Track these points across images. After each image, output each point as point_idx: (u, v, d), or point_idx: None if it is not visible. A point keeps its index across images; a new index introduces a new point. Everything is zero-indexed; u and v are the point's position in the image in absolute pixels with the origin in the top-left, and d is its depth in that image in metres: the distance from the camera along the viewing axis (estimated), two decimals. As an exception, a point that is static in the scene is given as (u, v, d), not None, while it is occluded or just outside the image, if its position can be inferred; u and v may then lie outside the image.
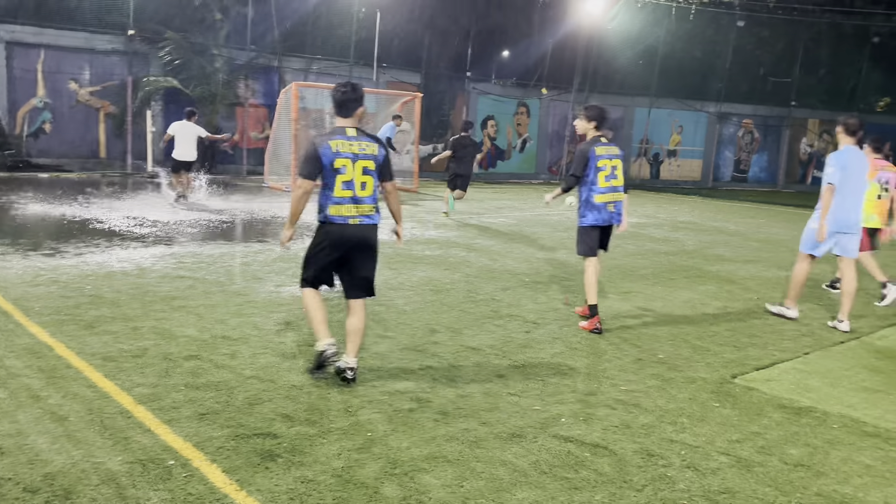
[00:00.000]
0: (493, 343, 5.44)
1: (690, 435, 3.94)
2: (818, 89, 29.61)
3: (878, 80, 30.17)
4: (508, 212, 14.59)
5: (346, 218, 4.31)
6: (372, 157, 4.34)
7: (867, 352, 5.80)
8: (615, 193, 5.99)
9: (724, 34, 26.52)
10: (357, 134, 4.34)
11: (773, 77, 28.35)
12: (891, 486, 3.47)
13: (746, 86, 28.20)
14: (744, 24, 25.93)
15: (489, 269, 8.32)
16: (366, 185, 4.33)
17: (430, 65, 23.01)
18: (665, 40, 25.71)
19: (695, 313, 6.77)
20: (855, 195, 6.41)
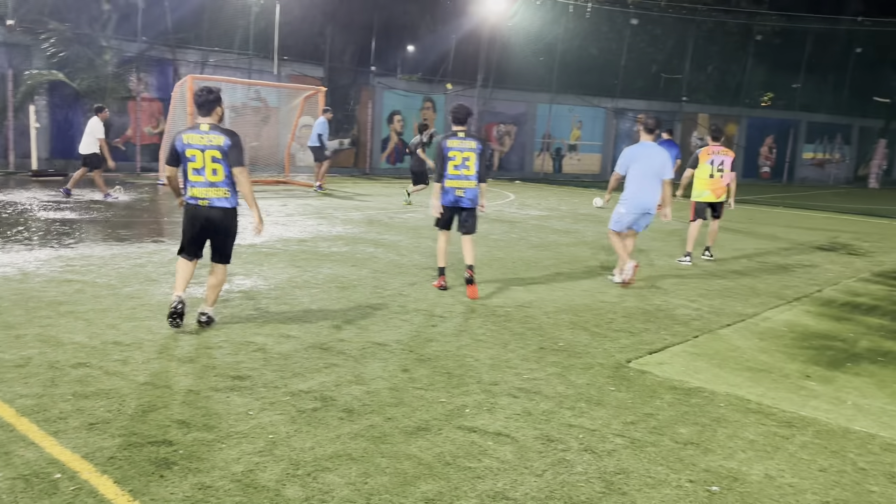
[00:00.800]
0: (400, 338, 5.44)
1: (588, 419, 4.08)
2: (707, 85, 31.25)
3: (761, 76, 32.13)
4: (416, 207, 14.62)
5: (197, 199, 5.18)
6: (217, 147, 5.11)
7: (751, 333, 6.17)
8: (462, 181, 6.89)
9: (619, 32, 27.53)
10: (209, 129, 5.16)
11: (665, 74, 29.67)
12: (771, 459, 3.71)
13: (641, 82, 29.39)
14: (637, 23, 26.99)
15: (397, 265, 8.32)
16: (216, 171, 5.14)
17: (333, 58, 22.72)
18: (563, 38, 26.43)
19: (593, 301, 7.00)
20: (650, 182, 7.66)
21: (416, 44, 26.06)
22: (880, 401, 4.65)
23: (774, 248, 11.33)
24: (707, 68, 30.72)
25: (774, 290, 8.03)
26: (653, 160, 7.69)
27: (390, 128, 24.25)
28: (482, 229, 11.58)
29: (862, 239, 13.16)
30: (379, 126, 23.97)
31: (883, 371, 5.30)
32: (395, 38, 24.45)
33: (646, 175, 7.65)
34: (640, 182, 7.66)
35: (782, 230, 13.90)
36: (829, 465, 3.67)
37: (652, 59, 29.41)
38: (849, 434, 4.08)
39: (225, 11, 20.91)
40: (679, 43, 29.07)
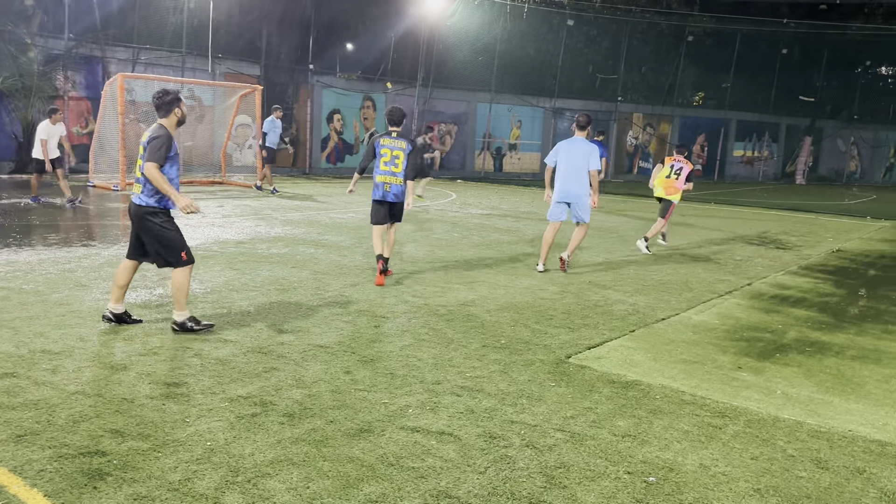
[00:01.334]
0: (342, 340, 5.40)
1: (529, 415, 4.13)
2: (641, 85, 32.03)
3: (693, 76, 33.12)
4: (358, 206, 14.53)
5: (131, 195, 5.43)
6: (142, 144, 5.26)
7: (685, 327, 6.36)
8: (389, 176, 7.49)
9: (556, 33, 27.95)
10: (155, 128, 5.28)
11: (601, 74, 30.27)
12: (705, 449, 3.83)
13: (578, 82, 29.91)
14: (573, 24, 27.45)
15: (338, 265, 8.25)
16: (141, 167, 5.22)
17: (270, 56, 22.36)
18: (502, 38, 26.67)
19: (534, 299, 7.10)
20: (575, 173, 8.36)
21: (354, 42, 25.87)
22: (807, 390, 4.86)
23: (707, 244, 11.69)
24: (641, 69, 31.48)
25: (707, 284, 8.29)
26: (577, 154, 8.36)
27: (330, 127, 24.02)
28: (424, 229, 11.59)
29: (789, 233, 13.71)
30: (318, 125, 23.72)
31: (810, 361, 5.53)
32: (334, 37, 24.22)
33: (570, 167, 8.37)
34: (565, 173, 8.43)
35: (714, 226, 14.37)
36: (759, 453, 3.81)
37: (588, 59, 29.96)
38: (778, 422, 4.24)
39: (156, 7, 20.33)
40: (614, 44, 29.71)
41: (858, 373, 5.27)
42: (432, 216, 13.54)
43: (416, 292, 7.09)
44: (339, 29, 24.23)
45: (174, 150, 5.27)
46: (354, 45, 25.84)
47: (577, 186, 8.40)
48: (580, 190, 8.42)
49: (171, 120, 5.33)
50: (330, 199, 15.77)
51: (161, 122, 5.31)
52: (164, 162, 5.16)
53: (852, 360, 5.60)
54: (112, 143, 15.95)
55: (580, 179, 8.38)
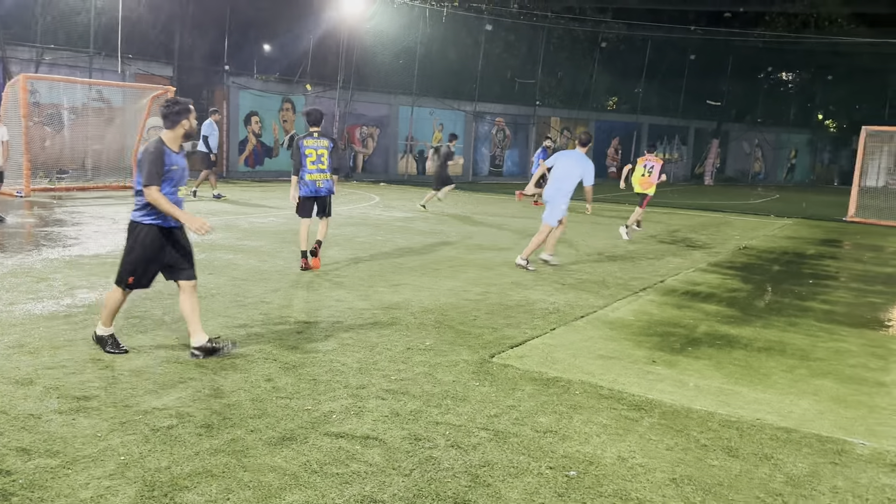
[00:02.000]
0: (263, 347, 5.29)
1: (454, 415, 4.16)
2: (558, 90, 32.79)
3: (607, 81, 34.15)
4: (278, 211, 14.26)
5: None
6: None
7: (602, 324, 6.54)
8: (319, 174, 8.17)
9: (475, 38, 28.26)
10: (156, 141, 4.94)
11: (519, 79, 30.81)
12: (623, 442, 3.95)
13: (497, 86, 30.34)
14: (491, 29, 27.82)
15: (258, 271, 8.07)
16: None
17: (183, 57, 21.68)
18: (422, 41, 26.75)
19: (458, 300, 7.15)
20: (565, 182, 9.15)
21: (272, 43, 25.39)
22: (718, 381, 5.08)
23: (623, 243, 12.07)
24: (557, 74, 32.22)
25: (623, 282, 8.56)
26: (575, 166, 9.18)
27: (248, 129, 23.47)
28: (347, 232, 11.49)
29: (699, 232, 14.32)
30: (235, 127, 23.14)
31: (719, 353, 5.79)
32: (251, 37, 23.70)
33: (564, 175, 9.16)
34: (559, 180, 9.19)
35: (630, 226, 14.82)
36: (674, 443, 3.97)
37: (507, 64, 30.43)
38: (691, 413, 4.42)
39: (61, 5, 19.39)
40: (531, 49, 30.29)
41: (765, 364, 5.55)
42: (356, 220, 13.44)
43: (340, 296, 7.02)
44: (256, 29, 23.74)
45: (168, 164, 4.81)
46: (272, 46, 25.36)
47: (562, 194, 9.19)
48: (562, 196, 9.20)
49: (177, 132, 4.91)
50: (248, 203, 15.42)
51: (162, 135, 4.89)
52: (160, 181, 4.76)
53: (759, 351, 5.89)
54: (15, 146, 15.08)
55: (567, 187, 9.17)
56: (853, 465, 3.79)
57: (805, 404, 4.68)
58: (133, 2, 20.00)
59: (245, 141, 23.52)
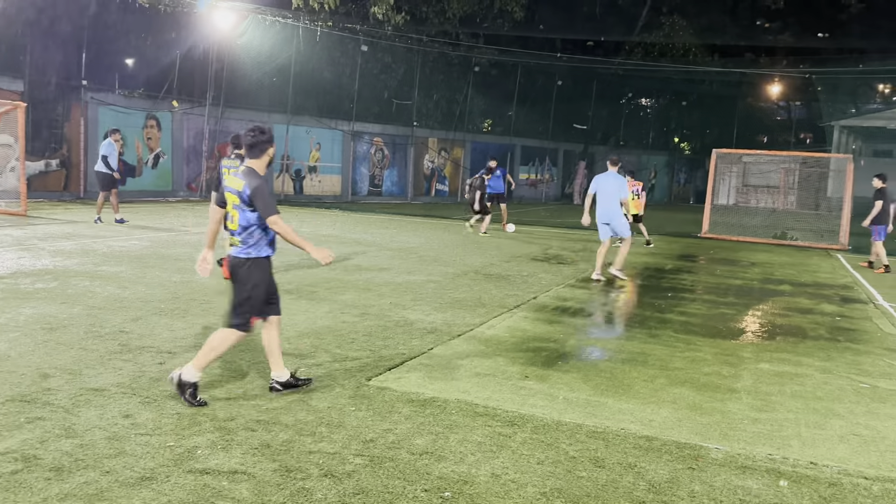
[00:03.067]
0: (121, 381, 4.96)
1: (328, 443, 4.06)
2: (435, 112, 33.33)
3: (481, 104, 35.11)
4: (141, 233, 13.50)
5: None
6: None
7: (478, 341, 6.64)
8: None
9: (352, 57, 28.23)
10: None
11: (396, 100, 31.04)
12: (497, 458, 4.01)
13: (375, 106, 30.43)
14: (367, 50, 27.90)
15: (117, 299, 7.58)
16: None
17: (35, 71, 20.19)
18: (297, 59, 26.39)
19: (335, 323, 7.03)
20: (608, 200, 10.57)
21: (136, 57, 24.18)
22: (586, 393, 5.28)
23: (498, 262, 12.36)
24: (434, 96, 32.75)
25: (498, 299, 8.75)
26: (610, 184, 10.63)
27: (110, 148, 22.13)
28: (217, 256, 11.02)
29: (569, 249, 14.92)
30: (94, 145, 21.72)
31: (587, 366, 6.02)
32: (111, 51, 22.45)
33: (605, 195, 10.59)
34: (601, 200, 10.63)
35: (504, 245, 15.23)
36: (545, 457, 4.07)
37: (385, 85, 30.60)
38: (561, 426, 4.56)
39: None
40: (408, 71, 30.63)
41: (628, 374, 5.83)
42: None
43: (208, 323, 6.72)
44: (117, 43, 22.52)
45: None
46: (136, 60, 24.16)
47: (612, 210, 10.56)
48: (614, 212, 10.56)
49: (263, 161, 4.83)
50: (108, 226, 14.50)
51: (250, 164, 4.76)
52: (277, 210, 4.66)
53: (623, 363, 6.19)
54: None
55: (613, 204, 10.54)
56: (709, 469, 4.03)
57: (665, 412, 4.95)
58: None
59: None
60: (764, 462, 4.16)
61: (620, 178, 10.86)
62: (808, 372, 6.21)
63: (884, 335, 7.92)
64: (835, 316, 8.93)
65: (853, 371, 6.30)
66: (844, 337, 7.71)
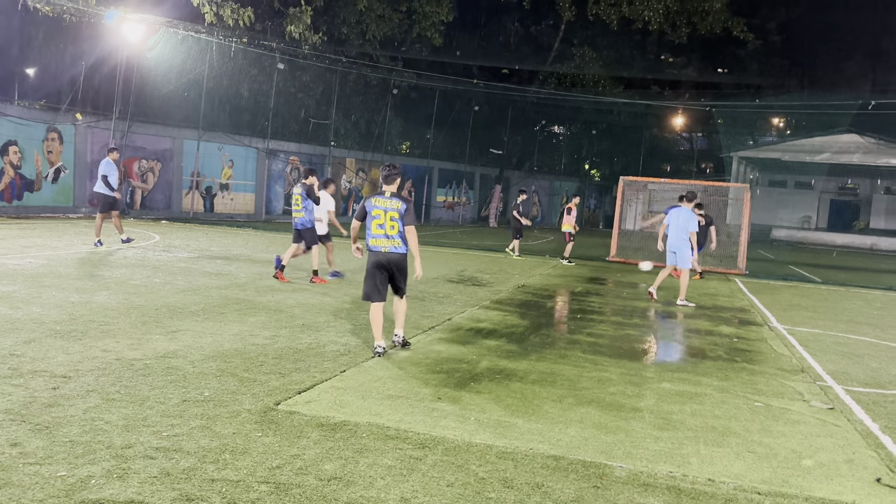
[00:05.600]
0: (10, 407, 4.65)
1: (232, 470, 3.94)
2: (353, 132, 33.26)
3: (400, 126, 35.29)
4: (38, 250, 12.78)
5: (379, 248, 6.89)
6: (395, 210, 6.78)
7: (392, 363, 6.61)
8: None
9: (268, 75, 27.85)
10: (390, 196, 6.84)
11: (314, 119, 30.79)
12: (407, 482, 3.98)
13: (292, 125, 30.07)
14: (284, 67, 27.60)
15: (9, 320, 7.13)
16: (393, 227, 6.81)
17: (-78, 76, 18.93)
18: (210, 75, 25.79)
19: (244, 345, 6.85)
20: (677, 232, 11.94)
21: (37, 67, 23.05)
22: (497, 414, 5.33)
23: (414, 283, 12.34)
24: (352, 116, 32.69)
25: (413, 320, 8.74)
26: (681, 219, 11.96)
27: (4, 160, 20.92)
28: (119, 275, 10.57)
29: (484, 271, 15.11)
30: (-11, 158, 20.53)
31: (498, 387, 6.09)
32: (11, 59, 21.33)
33: (675, 227, 11.99)
34: (672, 232, 12.05)
35: (420, 266, 15.25)
36: (455, 479, 4.07)
37: (302, 103, 30.31)
38: (471, 448, 4.58)
39: None
40: (326, 91, 30.48)
41: (538, 395, 5.93)
42: (131, 260, 12.42)
43: (107, 346, 6.41)
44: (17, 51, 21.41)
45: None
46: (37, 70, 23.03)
47: (679, 242, 11.92)
48: (681, 244, 11.91)
49: (392, 186, 6.89)
50: (2, 243, 13.66)
51: (390, 189, 6.86)
52: None
53: (533, 383, 6.29)
54: None
55: (682, 236, 11.87)
56: (612, 488, 4.14)
57: (572, 432, 5.06)
58: None
59: (1, 172, 20.94)
60: (665, 479, 4.31)
61: (690, 213, 12.03)
62: (707, 391, 6.49)
63: (777, 356, 8.38)
64: (732, 337, 9.40)
65: (749, 390, 6.63)
66: (741, 357, 8.12)
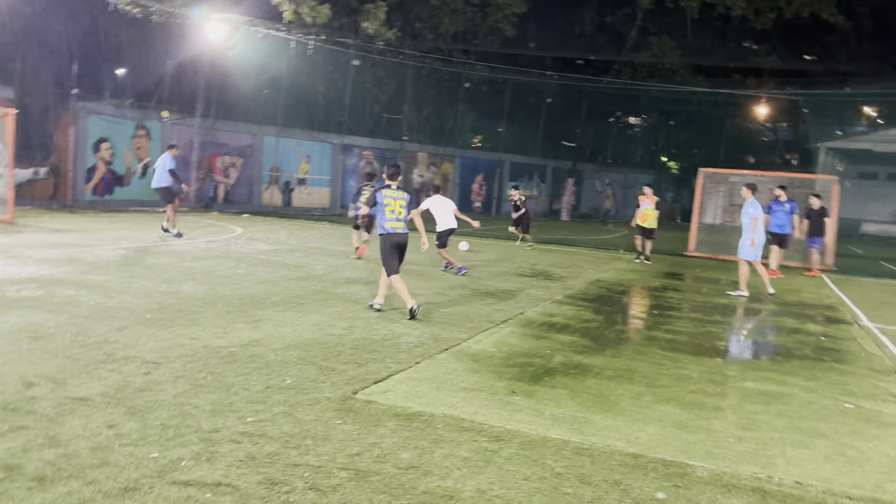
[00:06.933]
0: (106, 390, 4.91)
1: (314, 456, 4.05)
2: (425, 126, 33.47)
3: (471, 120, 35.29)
4: (128, 242, 13.44)
5: (395, 230, 8.19)
6: (403, 199, 8.32)
7: (465, 356, 6.65)
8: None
9: (344, 71, 28.34)
10: (396, 188, 8.35)
11: (387, 114, 31.15)
12: (483, 474, 4.00)
13: (366, 120, 30.52)
14: (360, 64, 28.01)
15: (103, 308, 7.53)
16: (402, 213, 8.26)
17: (26, 78, 20.13)
18: (288, 73, 26.45)
19: (322, 335, 7.02)
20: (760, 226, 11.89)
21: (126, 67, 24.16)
22: (572, 409, 5.29)
23: (486, 277, 12.38)
24: (424, 111, 32.90)
25: (485, 314, 8.76)
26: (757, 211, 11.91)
27: (97, 156, 22.07)
28: (205, 266, 10.99)
29: (556, 265, 14.97)
30: (83, 154, 21.70)
31: (574, 382, 6.03)
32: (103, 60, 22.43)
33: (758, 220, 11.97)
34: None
35: (492, 260, 15.27)
36: (531, 473, 4.07)
37: (376, 99, 30.72)
38: (547, 442, 4.56)
39: None
40: (399, 86, 30.78)
41: (615, 391, 5.85)
42: (215, 252, 12.91)
43: (194, 334, 6.68)
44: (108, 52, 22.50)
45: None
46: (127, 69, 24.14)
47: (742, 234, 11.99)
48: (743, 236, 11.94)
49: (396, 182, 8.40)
50: (95, 235, 14.42)
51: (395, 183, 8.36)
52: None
53: (609, 379, 6.20)
54: None
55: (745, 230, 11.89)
56: (694, 488, 4.04)
57: (651, 429, 4.96)
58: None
59: (93, 168, 22.09)
60: (749, 481, 4.18)
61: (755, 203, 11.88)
62: (793, 391, 6.25)
63: (868, 356, 7.99)
64: (819, 336, 9.01)
65: (838, 391, 6.35)
66: (829, 357, 7.78)
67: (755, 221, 11.72)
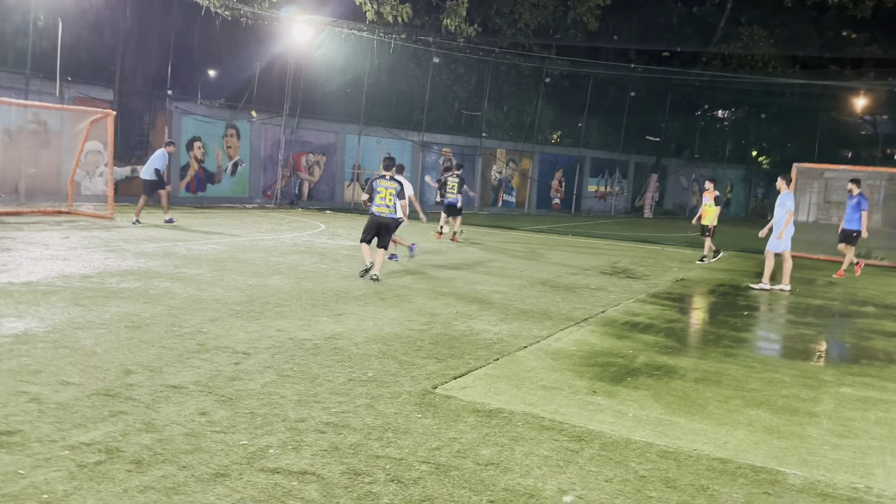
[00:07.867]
0: (198, 379, 5.14)
1: (395, 448, 4.10)
2: (504, 123, 33.33)
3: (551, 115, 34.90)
4: (219, 237, 13.99)
5: (379, 213, 9.98)
6: (393, 188, 10.00)
7: (545, 354, 6.59)
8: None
9: (424, 69, 28.56)
10: (389, 178, 10.05)
11: (466, 111, 31.21)
12: (563, 473, 3.96)
13: (445, 117, 30.67)
14: (440, 61, 28.18)
15: (196, 300, 7.87)
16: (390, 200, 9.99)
17: (124, 80, 21.24)
18: (370, 72, 26.88)
19: (402, 330, 7.10)
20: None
21: (217, 68, 25.12)
22: (656, 411, 5.16)
23: (565, 274, 12.23)
24: (503, 107, 32.77)
25: (565, 312, 8.65)
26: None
27: (190, 155, 23.07)
28: (291, 260, 11.33)
29: (638, 263, 14.63)
30: (177, 152, 22.70)
31: (658, 384, 5.88)
32: (195, 62, 23.41)
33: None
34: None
35: (571, 257, 15.08)
36: (614, 474, 3.99)
37: (455, 96, 30.82)
38: (630, 444, 4.47)
39: (-3, 25, 18.80)
40: (479, 82, 30.77)
41: (702, 394, 5.67)
42: (300, 247, 13.28)
43: (281, 326, 6.90)
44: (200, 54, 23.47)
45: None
46: (217, 71, 25.10)
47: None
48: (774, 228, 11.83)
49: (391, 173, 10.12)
50: (189, 230, 15.08)
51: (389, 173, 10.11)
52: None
53: (696, 382, 6.02)
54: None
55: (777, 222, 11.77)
56: (786, 496, 3.87)
57: (740, 434, 4.78)
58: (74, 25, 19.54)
59: (187, 166, 23.10)
60: (846, 491, 3.97)
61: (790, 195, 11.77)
62: (894, 398, 5.89)
63: (980, 363, 7.44)
64: (925, 341, 8.46)
65: (945, 400, 5.95)
66: (935, 363, 7.29)
67: (790, 214, 11.50)
